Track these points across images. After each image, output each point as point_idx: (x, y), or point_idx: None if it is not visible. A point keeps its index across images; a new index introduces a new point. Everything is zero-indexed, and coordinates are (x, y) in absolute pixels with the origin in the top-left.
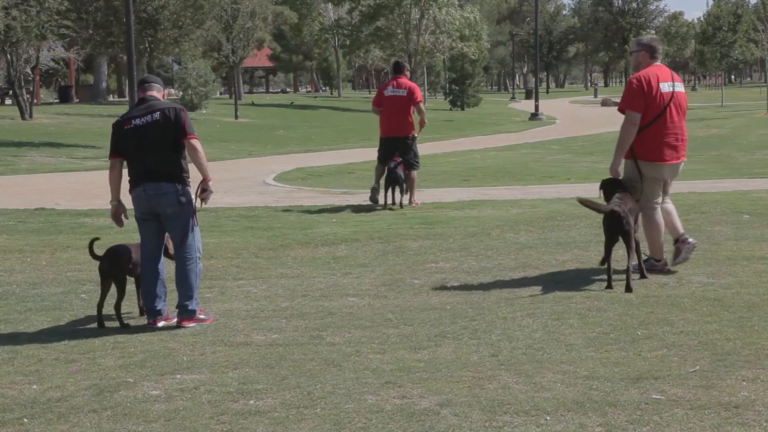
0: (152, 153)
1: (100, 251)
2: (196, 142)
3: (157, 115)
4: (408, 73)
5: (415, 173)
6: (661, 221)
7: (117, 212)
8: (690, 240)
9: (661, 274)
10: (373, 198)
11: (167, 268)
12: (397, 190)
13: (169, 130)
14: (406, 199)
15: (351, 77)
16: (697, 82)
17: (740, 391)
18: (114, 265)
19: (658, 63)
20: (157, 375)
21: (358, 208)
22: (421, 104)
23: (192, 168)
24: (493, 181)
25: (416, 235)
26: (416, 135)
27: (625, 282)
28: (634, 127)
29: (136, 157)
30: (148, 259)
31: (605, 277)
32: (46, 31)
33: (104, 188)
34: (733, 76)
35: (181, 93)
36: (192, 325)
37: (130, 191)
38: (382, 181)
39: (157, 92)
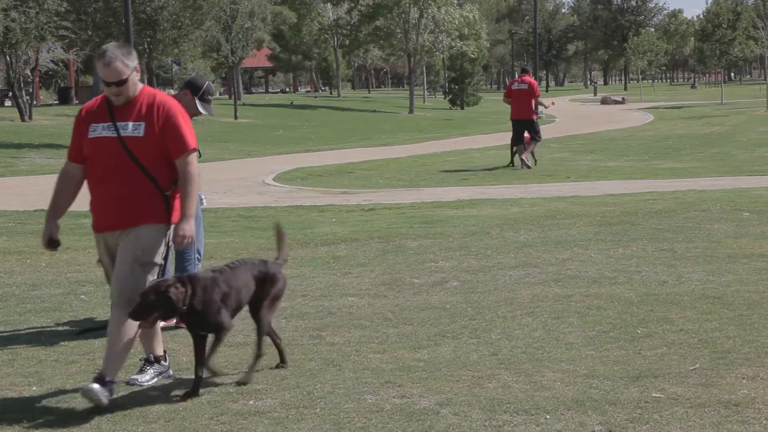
0: None
1: None
2: None
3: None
4: (531, 73)
5: (533, 144)
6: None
7: None
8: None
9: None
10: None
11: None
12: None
13: None
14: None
15: (350, 77)
16: (696, 79)
17: (740, 389)
18: None
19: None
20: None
21: (355, 207)
22: (539, 97)
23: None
24: (492, 180)
25: (416, 235)
26: (536, 118)
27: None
28: None
29: None
30: None
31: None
32: (45, 33)
33: None
34: (732, 74)
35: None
36: None
37: None
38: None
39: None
